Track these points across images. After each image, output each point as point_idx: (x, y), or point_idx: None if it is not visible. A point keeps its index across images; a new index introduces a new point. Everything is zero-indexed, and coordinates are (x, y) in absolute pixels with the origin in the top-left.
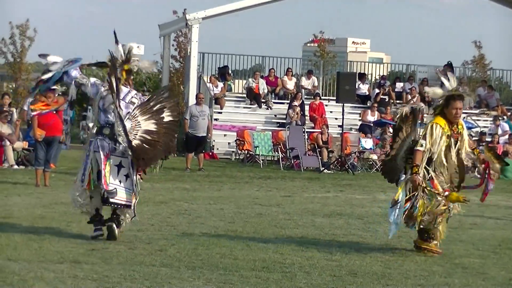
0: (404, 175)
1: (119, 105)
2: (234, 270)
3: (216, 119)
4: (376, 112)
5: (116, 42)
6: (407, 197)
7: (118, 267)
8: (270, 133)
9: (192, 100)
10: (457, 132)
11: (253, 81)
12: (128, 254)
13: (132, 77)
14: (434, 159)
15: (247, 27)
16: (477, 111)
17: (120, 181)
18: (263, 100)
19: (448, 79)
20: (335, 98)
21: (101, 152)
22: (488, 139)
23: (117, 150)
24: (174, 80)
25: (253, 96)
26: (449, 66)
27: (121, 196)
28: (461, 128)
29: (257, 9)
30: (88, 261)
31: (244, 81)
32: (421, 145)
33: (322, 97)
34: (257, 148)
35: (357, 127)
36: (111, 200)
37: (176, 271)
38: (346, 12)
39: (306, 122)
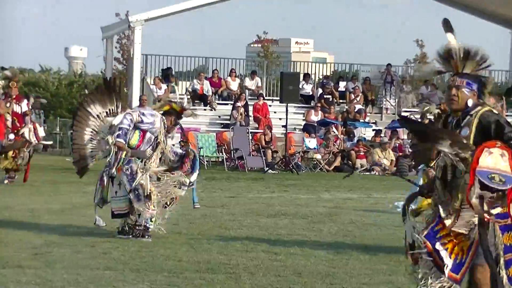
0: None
1: None
2: (179, 272)
3: None
4: (320, 112)
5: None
6: None
7: (61, 271)
8: (214, 134)
9: (135, 102)
10: None
11: (198, 82)
12: (72, 257)
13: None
14: None
15: (190, 28)
16: (418, 109)
17: (115, 192)
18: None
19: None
20: (278, 98)
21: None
22: None
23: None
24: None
25: (198, 98)
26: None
27: (118, 206)
28: None
29: (200, 10)
30: (31, 266)
31: (188, 83)
32: None
33: (266, 98)
34: (202, 149)
35: (301, 127)
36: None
37: (121, 274)
38: (289, 12)
39: (250, 122)
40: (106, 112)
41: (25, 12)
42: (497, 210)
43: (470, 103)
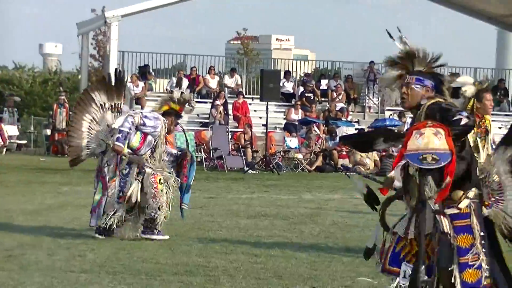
0: None
1: None
2: (156, 274)
3: None
4: (300, 110)
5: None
6: None
7: (36, 274)
8: (193, 133)
9: None
10: (485, 127)
11: (176, 81)
12: (47, 260)
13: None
14: None
15: (168, 24)
16: (401, 108)
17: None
18: None
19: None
20: (259, 96)
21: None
22: None
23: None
24: (93, 80)
25: None
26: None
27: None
28: (488, 124)
29: (178, 6)
30: (5, 268)
31: (166, 80)
32: None
33: (245, 96)
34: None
35: (282, 126)
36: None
37: (96, 276)
38: (270, 8)
39: (230, 121)
40: (111, 106)
41: None
42: (453, 210)
43: (422, 99)
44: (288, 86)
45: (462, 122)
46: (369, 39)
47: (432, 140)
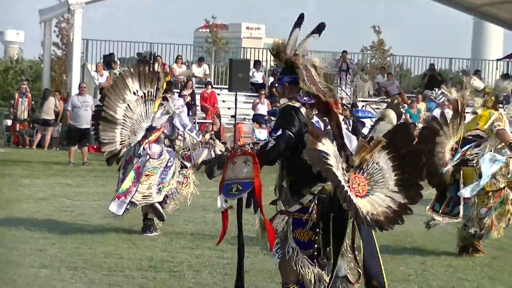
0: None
1: None
2: (119, 270)
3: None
4: (266, 101)
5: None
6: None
7: None
8: None
9: (75, 90)
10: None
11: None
12: (6, 255)
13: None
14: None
15: (134, 12)
16: (376, 99)
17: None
18: None
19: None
20: (227, 86)
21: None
22: None
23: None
24: (56, 69)
25: None
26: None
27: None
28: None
29: None
30: None
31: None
32: (503, 126)
33: (214, 86)
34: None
35: (251, 117)
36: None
37: (57, 272)
38: None
39: (197, 112)
40: (144, 94)
41: None
42: (297, 206)
43: (282, 99)
44: (258, 76)
45: (268, 147)
46: (342, 29)
47: (242, 169)
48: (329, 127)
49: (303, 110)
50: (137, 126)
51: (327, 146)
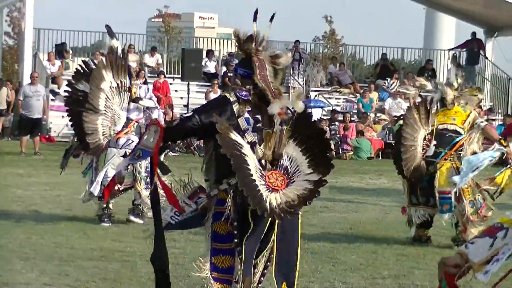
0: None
1: None
2: (71, 260)
3: (53, 100)
4: (219, 90)
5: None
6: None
7: None
8: None
9: (27, 79)
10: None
11: (93, 61)
12: None
13: None
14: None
15: (87, 1)
16: (329, 89)
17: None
18: None
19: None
20: (180, 76)
21: None
22: (340, 118)
23: None
24: (7, 59)
25: None
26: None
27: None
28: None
29: None
30: None
31: (85, 59)
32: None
33: (166, 76)
34: None
35: None
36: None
37: (7, 262)
38: None
39: None
40: (117, 84)
41: None
42: (215, 191)
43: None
44: (211, 66)
45: (174, 123)
46: (295, 18)
47: (149, 138)
48: (259, 125)
49: (235, 105)
50: (117, 116)
51: (238, 139)
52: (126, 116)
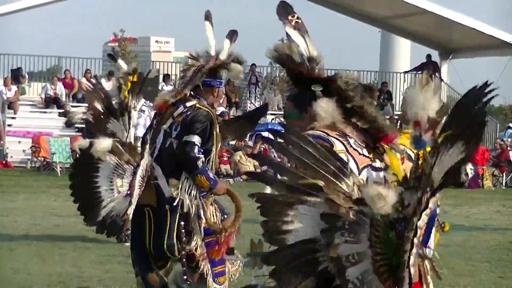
0: None
1: None
2: (28, 286)
3: (9, 125)
4: None
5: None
6: None
7: None
8: (69, 138)
9: None
10: None
11: (51, 86)
12: None
13: None
14: None
15: (43, 25)
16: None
17: None
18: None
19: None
20: None
21: None
22: None
23: None
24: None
25: (51, 100)
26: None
27: None
28: None
29: (53, 6)
30: None
31: (41, 84)
32: None
33: None
34: (54, 155)
35: None
36: None
37: None
38: (148, 9)
39: None
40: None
41: None
42: None
43: None
44: (167, 90)
45: None
46: (250, 41)
47: None
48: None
49: None
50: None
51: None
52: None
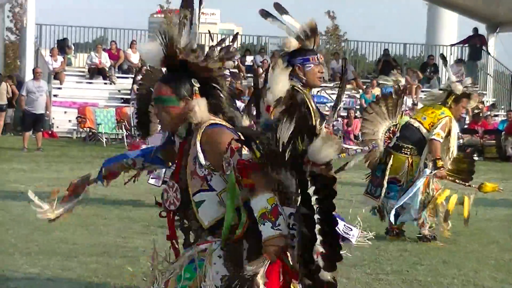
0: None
1: None
2: (73, 255)
3: (55, 95)
4: None
5: None
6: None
7: None
8: (114, 109)
9: (29, 75)
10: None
11: (95, 55)
12: None
13: None
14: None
15: None
16: (331, 85)
17: None
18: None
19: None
20: None
21: None
22: (344, 114)
23: None
24: (9, 54)
25: (96, 71)
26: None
27: None
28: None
29: None
30: None
31: (87, 55)
32: (441, 137)
33: None
34: (100, 125)
35: None
36: None
37: (10, 257)
38: None
39: None
40: None
41: None
42: None
43: None
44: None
45: None
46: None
47: None
48: None
49: None
50: None
51: None
52: None
